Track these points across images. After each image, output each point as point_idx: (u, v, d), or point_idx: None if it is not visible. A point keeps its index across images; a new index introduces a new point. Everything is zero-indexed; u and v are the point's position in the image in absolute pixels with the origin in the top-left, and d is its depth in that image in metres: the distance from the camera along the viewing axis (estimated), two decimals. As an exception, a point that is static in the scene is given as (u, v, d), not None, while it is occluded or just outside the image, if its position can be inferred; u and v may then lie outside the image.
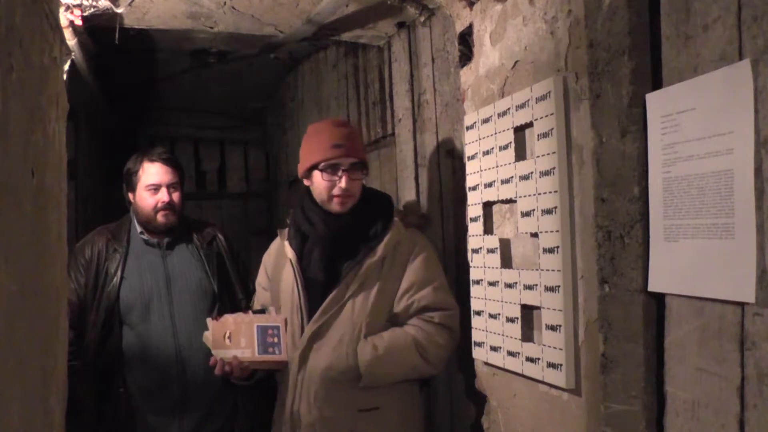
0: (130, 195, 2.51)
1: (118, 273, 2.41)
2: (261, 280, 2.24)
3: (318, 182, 1.99)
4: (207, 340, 2.06)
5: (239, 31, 2.60)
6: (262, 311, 2.14)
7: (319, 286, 1.99)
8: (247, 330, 2.03)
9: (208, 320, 2.06)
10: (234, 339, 2.02)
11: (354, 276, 1.95)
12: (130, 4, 2.24)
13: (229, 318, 2.05)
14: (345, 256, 1.99)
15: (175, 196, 2.47)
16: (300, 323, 2.00)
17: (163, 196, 2.43)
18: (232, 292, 2.55)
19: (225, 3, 2.33)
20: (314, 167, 1.99)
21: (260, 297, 2.23)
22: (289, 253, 2.05)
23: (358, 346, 1.92)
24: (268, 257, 2.22)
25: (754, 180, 0.98)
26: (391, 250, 1.98)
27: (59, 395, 1.46)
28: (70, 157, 1.69)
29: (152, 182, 2.44)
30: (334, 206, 1.99)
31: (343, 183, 1.95)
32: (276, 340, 2.05)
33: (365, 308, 1.94)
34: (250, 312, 2.12)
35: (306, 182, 2.06)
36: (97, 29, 2.37)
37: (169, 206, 2.44)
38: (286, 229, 2.15)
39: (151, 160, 2.46)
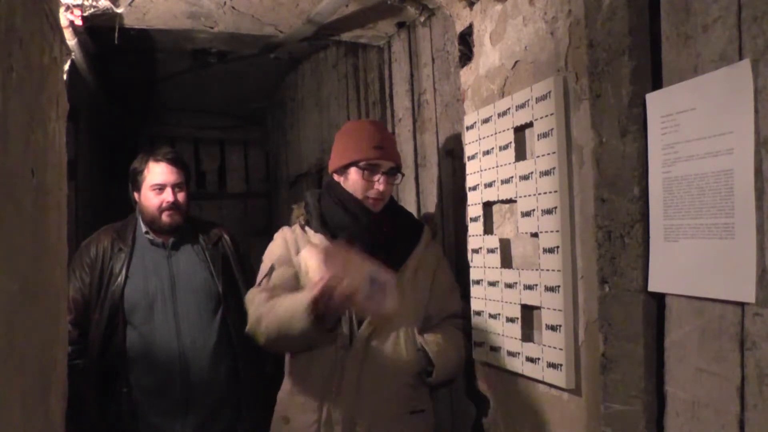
0: (136, 195, 2.50)
1: (123, 272, 2.40)
2: (282, 258, 1.97)
3: (355, 180, 1.96)
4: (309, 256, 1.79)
5: (239, 31, 2.60)
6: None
7: None
8: (356, 271, 1.64)
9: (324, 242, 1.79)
10: (343, 272, 1.61)
11: (399, 278, 1.86)
12: (130, 4, 2.24)
13: (338, 256, 1.67)
14: (384, 256, 1.82)
15: (180, 196, 2.46)
16: (348, 323, 1.88)
17: (168, 196, 2.42)
18: (238, 293, 2.54)
19: (225, 3, 2.33)
20: (353, 164, 1.96)
21: (284, 274, 1.94)
22: (324, 243, 1.91)
23: (420, 340, 1.91)
24: (285, 244, 1.99)
25: (754, 180, 0.98)
26: (424, 256, 2.00)
27: (59, 395, 1.45)
28: (70, 157, 1.69)
29: (157, 182, 2.43)
30: (368, 206, 1.97)
31: (381, 186, 1.94)
32: (383, 295, 1.67)
33: (412, 309, 1.94)
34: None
35: (336, 177, 2.02)
36: (97, 29, 2.37)
37: (174, 206, 2.43)
38: (297, 223, 2.03)
39: (157, 160, 2.45)
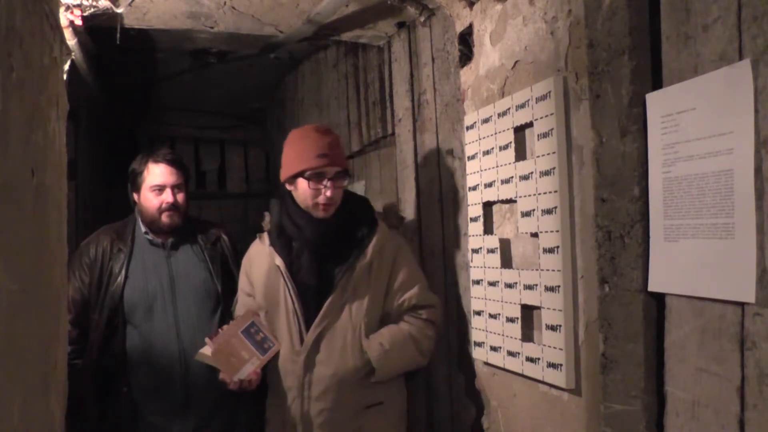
0: (135, 195, 2.50)
1: (122, 272, 2.40)
2: (243, 285, 2.24)
3: (303, 189, 2.03)
4: (207, 359, 2.06)
5: (239, 31, 2.60)
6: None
7: (311, 290, 2.05)
8: (239, 342, 2.05)
9: (207, 340, 2.07)
10: (237, 357, 2.04)
11: (348, 280, 2.02)
12: (130, 4, 2.24)
13: (220, 341, 2.06)
14: (334, 260, 2.05)
15: (180, 196, 2.47)
16: (298, 329, 2.05)
17: (167, 197, 2.43)
18: (237, 292, 2.54)
19: (225, 3, 2.33)
20: (299, 175, 2.03)
21: (245, 303, 2.23)
22: (277, 259, 2.08)
23: (364, 344, 2.01)
24: (249, 261, 2.23)
25: (754, 180, 0.99)
26: (378, 252, 2.05)
27: (59, 395, 1.46)
28: (70, 157, 1.69)
29: (157, 183, 2.43)
30: (319, 213, 2.04)
31: (329, 192, 2.01)
32: (262, 335, 2.08)
33: (361, 310, 2.03)
34: (223, 327, 2.13)
35: (288, 187, 2.10)
36: (97, 29, 2.37)
37: (173, 207, 2.44)
38: (265, 233, 2.18)
39: (156, 161, 2.46)
